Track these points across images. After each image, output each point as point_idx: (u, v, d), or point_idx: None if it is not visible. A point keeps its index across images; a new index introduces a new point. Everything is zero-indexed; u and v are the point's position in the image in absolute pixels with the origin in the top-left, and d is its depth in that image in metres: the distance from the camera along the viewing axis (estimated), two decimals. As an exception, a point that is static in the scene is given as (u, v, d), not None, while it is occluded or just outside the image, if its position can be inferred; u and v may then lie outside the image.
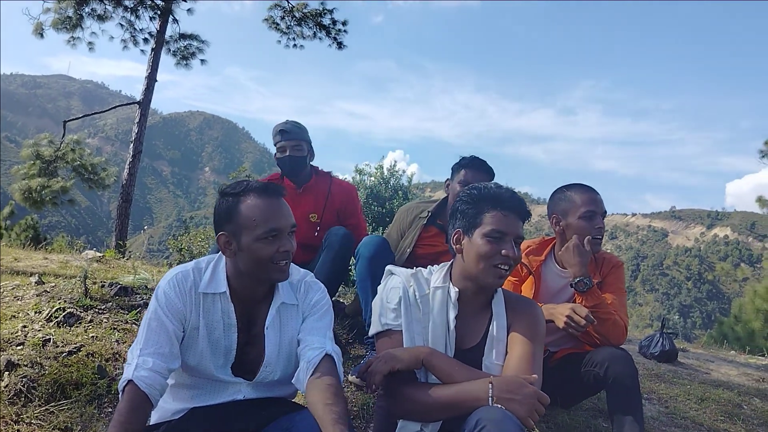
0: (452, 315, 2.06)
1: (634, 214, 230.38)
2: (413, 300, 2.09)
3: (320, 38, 15.17)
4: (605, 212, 2.83)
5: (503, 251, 1.98)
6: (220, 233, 1.89)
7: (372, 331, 2.14)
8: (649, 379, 4.26)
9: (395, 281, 2.14)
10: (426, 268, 2.23)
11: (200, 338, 1.90)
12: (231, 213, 1.87)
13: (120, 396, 1.74)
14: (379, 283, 2.20)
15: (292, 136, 3.58)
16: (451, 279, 2.13)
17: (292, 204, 3.62)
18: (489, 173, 3.45)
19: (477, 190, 2.08)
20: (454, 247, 2.10)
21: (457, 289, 2.08)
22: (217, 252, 3.07)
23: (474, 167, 3.43)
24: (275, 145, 3.62)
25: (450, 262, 2.18)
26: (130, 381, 1.73)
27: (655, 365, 4.78)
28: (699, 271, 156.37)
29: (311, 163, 3.73)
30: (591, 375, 2.61)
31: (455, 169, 3.48)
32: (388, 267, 2.23)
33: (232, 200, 1.89)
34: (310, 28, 15.16)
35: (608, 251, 3.03)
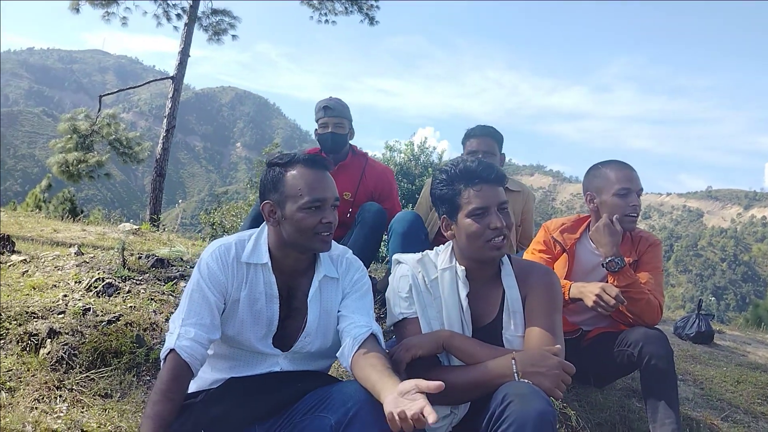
0: (464, 293, 2.06)
1: (668, 194, 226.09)
2: (423, 286, 2.10)
3: (352, 13, 15.08)
4: (641, 190, 2.77)
5: (491, 225, 1.96)
6: (265, 202, 1.93)
7: (389, 323, 2.15)
8: (684, 360, 4.21)
9: (403, 269, 2.14)
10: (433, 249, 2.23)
11: (240, 310, 1.93)
12: (277, 182, 1.91)
13: (161, 364, 1.78)
14: None
15: (336, 113, 3.60)
16: (456, 258, 2.13)
17: None
18: (494, 137, 3.42)
19: (445, 173, 2.06)
20: (445, 233, 2.10)
21: (463, 267, 2.08)
22: (250, 227, 3.11)
23: (477, 134, 3.42)
24: (317, 120, 3.65)
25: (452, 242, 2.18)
26: (172, 350, 1.77)
27: (690, 346, 4.71)
28: (734, 252, 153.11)
29: (350, 141, 3.74)
30: (625, 355, 2.58)
31: (463, 141, 3.47)
32: (395, 256, 2.24)
33: (279, 170, 1.92)
34: (342, 3, 15.06)
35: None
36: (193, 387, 2.02)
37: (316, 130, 3.70)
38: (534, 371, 1.78)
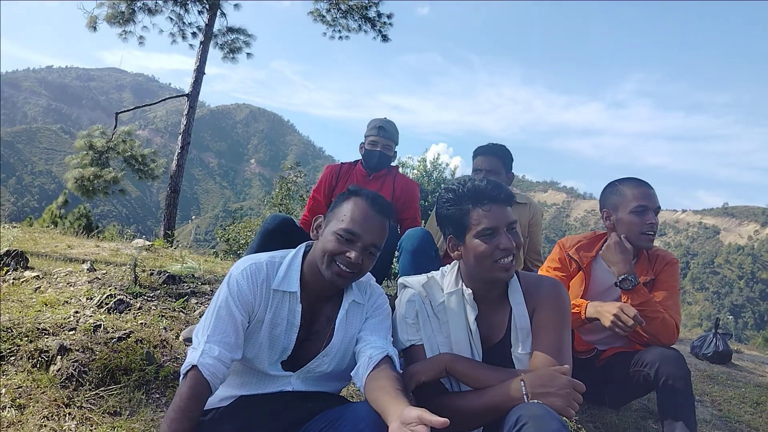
0: (472, 317, 2.03)
1: (684, 211, 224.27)
2: (430, 312, 2.08)
3: (365, 31, 15.27)
4: (659, 207, 2.73)
5: (500, 246, 1.93)
6: (318, 215, 2.01)
7: (396, 348, 2.11)
8: (701, 380, 4.13)
9: (409, 293, 2.12)
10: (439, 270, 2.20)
11: (262, 332, 1.91)
12: (337, 204, 1.96)
13: (181, 379, 1.76)
14: None
15: (388, 135, 3.78)
16: (462, 280, 2.09)
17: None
18: (500, 156, 3.42)
19: (452, 192, 2.02)
20: (452, 254, 2.06)
21: (470, 290, 2.05)
22: (259, 243, 3.11)
23: (483, 153, 3.43)
24: (367, 136, 3.81)
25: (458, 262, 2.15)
26: (194, 366, 1.74)
27: (707, 366, 4.63)
28: (752, 270, 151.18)
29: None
30: (641, 375, 2.53)
31: (472, 158, 3.49)
32: (401, 280, 2.22)
33: (347, 195, 1.96)
34: (356, 20, 15.25)
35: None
36: (202, 403, 2.01)
37: (362, 144, 3.86)
38: (544, 392, 1.75)
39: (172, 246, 6.98)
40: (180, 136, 13.59)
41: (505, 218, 1.96)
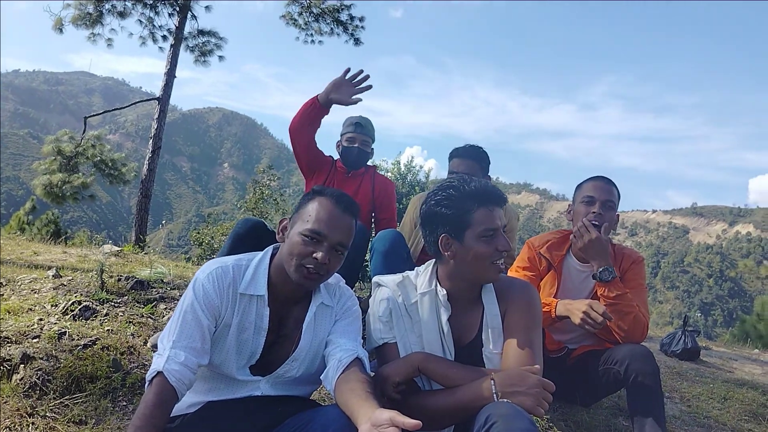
0: (444, 318, 2.03)
1: (654, 211, 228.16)
2: (403, 311, 2.07)
3: (338, 34, 15.19)
4: (610, 201, 2.75)
5: (498, 246, 1.95)
6: (283, 218, 1.98)
7: (368, 347, 2.11)
8: (670, 377, 4.18)
9: (383, 293, 2.11)
10: (414, 271, 2.19)
11: (229, 336, 1.88)
12: (302, 204, 1.93)
13: (146, 386, 1.71)
14: None
15: (365, 131, 3.76)
16: (438, 280, 2.09)
17: (337, 186, 3.70)
18: (477, 160, 3.40)
19: (455, 190, 2.00)
20: (444, 253, 2.03)
21: (444, 291, 2.05)
22: (230, 247, 3.06)
23: (461, 156, 3.42)
24: (344, 134, 3.79)
25: (434, 262, 2.14)
26: (160, 373, 1.70)
27: (676, 363, 4.70)
28: (720, 268, 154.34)
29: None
30: (611, 373, 2.55)
31: (449, 159, 3.48)
32: (375, 278, 2.20)
33: (311, 195, 1.94)
34: (328, 24, 15.17)
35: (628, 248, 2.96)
36: (169, 409, 1.98)
37: (338, 142, 3.83)
38: (514, 391, 1.75)
39: (143, 251, 6.87)
40: (151, 140, 13.39)
41: (502, 220, 2.00)
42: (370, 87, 3.36)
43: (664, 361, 4.61)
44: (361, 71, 3.31)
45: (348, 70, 3.30)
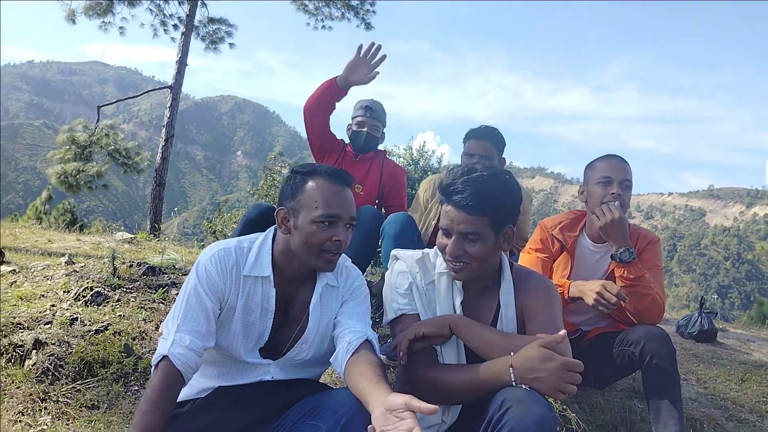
0: (458, 301, 1.99)
1: (670, 194, 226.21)
2: (421, 289, 2.03)
3: (348, 19, 15.09)
4: (627, 181, 2.68)
5: (447, 248, 1.92)
6: (280, 207, 1.87)
7: (386, 319, 2.07)
8: (687, 359, 4.14)
9: (401, 265, 2.06)
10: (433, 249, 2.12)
11: (235, 319, 1.86)
12: (295, 190, 1.85)
13: (152, 371, 1.71)
14: None
15: (376, 115, 3.68)
16: None
17: (346, 169, 3.66)
18: (494, 141, 3.34)
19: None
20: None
21: None
22: (241, 232, 3.04)
23: (477, 137, 3.36)
24: (354, 117, 3.72)
25: None
26: (165, 357, 1.69)
27: (693, 345, 4.65)
28: (738, 251, 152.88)
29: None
30: (626, 354, 2.51)
31: (464, 140, 3.43)
32: (393, 252, 2.14)
33: (300, 178, 1.86)
34: (339, 8, 15.07)
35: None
36: (180, 395, 1.97)
37: (349, 125, 3.77)
38: (533, 376, 1.67)
39: (155, 238, 6.89)
40: (164, 129, 13.42)
41: (457, 223, 1.91)
42: (384, 57, 3.34)
43: (680, 343, 4.56)
44: (373, 44, 3.28)
45: (360, 47, 3.28)
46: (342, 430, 1.60)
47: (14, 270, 3.62)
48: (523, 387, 1.67)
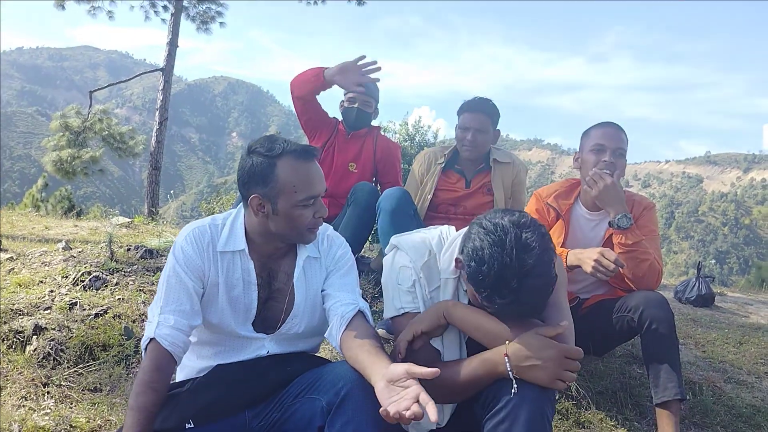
0: (465, 302, 1.91)
1: (667, 161, 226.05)
2: (426, 295, 1.94)
3: (340, -7, 14.90)
4: (621, 149, 2.65)
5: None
6: (253, 195, 1.80)
7: (386, 315, 2.02)
8: (685, 323, 4.16)
9: (404, 259, 1.96)
10: (436, 233, 2.04)
11: (220, 295, 1.87)
12: (267, 175, 1.77)
13: (143, 354, 1.72)
14: None
15: (368, 91, 3.59)
16: None
17: (338, 149, 3.64)
18: (488, 113, 3.32)
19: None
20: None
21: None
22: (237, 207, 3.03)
23: (471, 109, 3.34)
24: (346, 94, 3.68)
25: (460, 236, 1.92)
26: (152, 339, 1.71)
27: (691, 310, 4.68)
28: (735, 216, 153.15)
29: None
30: (625, 320, 2.52)
31: (458, 113, 3.41)
32: (393, 240, 2.05)
33: (267, 162, 1.78)
34: (330, -18, 14.88)
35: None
36: (180, 376, 1.99)
37: (341, 102, 3.74)
38: (530, 365, 1.62)
39: (152, 222, 6.88)
40: (157, 112, 13.33)
41: None
42: (378, 80, 3.35)
43: (678, 308, 4.59)
44: (375, 62, 3.24)
45: (363, 57, 3.24)
46: (342, 402, 1.60)
47: (12, 257, 3.61)
48: (514, 382, 1.63)
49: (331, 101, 3.92)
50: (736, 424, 2.71)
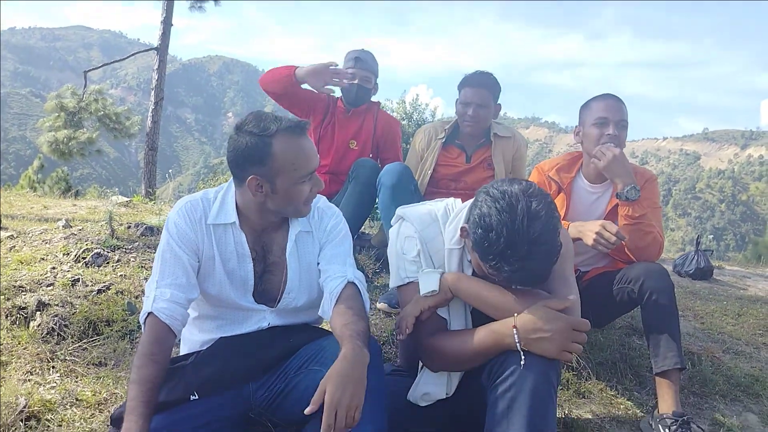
0: (469, 273, 1.91)
1: (665, 138, 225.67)
2: (430, 264, 1.94)
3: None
4: (623, 122, 2.64)
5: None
6: (251, 177, 1.77)
7: (393, 284, 2.03)
8: (684, 296, 4.19)
9: (409, 229, 1.96)
10: (442, 205, 2.03)
11: (216, 268, 1.88)
12: (263, 155, 1.74)
13: (142, 329, 1.73)
14: None
15: (366, 66, 3.58)
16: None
17: (338, 126, 3.62)
18: (489, 88, 3.30)
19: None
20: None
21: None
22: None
23: (472, 84, 3.32)
24: (346, 69, 3.62)
25: (467, 208, 1.91)
26: (150, 313, 1.71)
27: (690, 283, 4.70)
28: (733, 192, 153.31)
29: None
30: (625, 292, 2.53)
31: (459, 88, 3.39)
32: (398, 211, 2.05)
33: (262, 141, 1.75)
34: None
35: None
36: (184, 350, 2.01)
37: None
38: (537, 337, 1.63)
39: (151, 201, 6.88)
40: (152, 92, 13.22)
41: None
42: (345, 84, 3.46)
43: (677, 281, 4.61)
44: (350, 74, 3.38)
45: (334, 64, 3.34)
46: None
47: (12, 235, 3.61)
48: (522, 353, 1.65)
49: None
50: (735, 393, 2.74)
